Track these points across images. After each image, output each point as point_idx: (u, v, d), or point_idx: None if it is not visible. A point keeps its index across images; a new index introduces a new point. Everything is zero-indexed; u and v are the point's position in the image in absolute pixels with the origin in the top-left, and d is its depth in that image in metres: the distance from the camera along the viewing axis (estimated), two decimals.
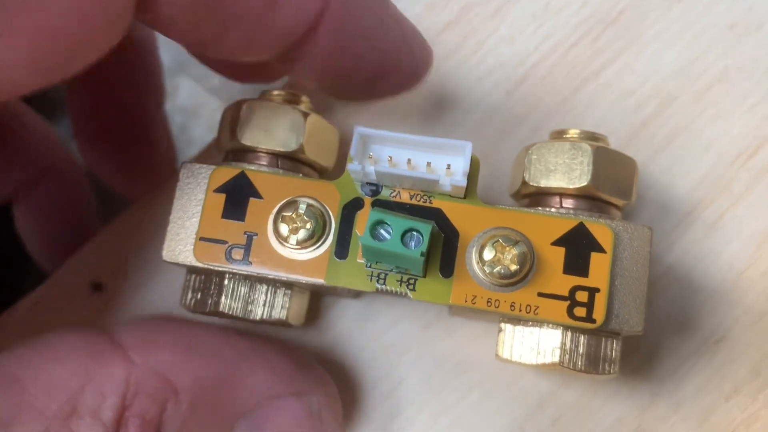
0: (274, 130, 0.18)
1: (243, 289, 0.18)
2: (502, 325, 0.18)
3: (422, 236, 0.16)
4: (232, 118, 0.19)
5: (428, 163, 0.17)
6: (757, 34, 0.22)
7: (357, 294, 0.21)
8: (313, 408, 0.18)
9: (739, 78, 0.22)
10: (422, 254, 0.16)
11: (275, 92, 0.19)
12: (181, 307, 0.19)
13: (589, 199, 0.18)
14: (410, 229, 0.16)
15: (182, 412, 0.17)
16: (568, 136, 0.18)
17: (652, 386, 0.20)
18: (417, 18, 0.21)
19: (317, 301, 0.21)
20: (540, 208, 0.18)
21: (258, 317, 0.18)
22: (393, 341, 0.21)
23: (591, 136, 0.18)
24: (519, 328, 0.18)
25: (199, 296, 0.18)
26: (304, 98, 0.19)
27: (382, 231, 0.17)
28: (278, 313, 0.18)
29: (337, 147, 0.20)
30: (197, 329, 0.18)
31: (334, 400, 0.19)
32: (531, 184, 0.18)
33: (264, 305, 0.18)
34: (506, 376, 0.21)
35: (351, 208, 0.18)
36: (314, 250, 0.18)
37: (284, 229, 0.17)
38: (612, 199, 0.18)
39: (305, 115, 0.18)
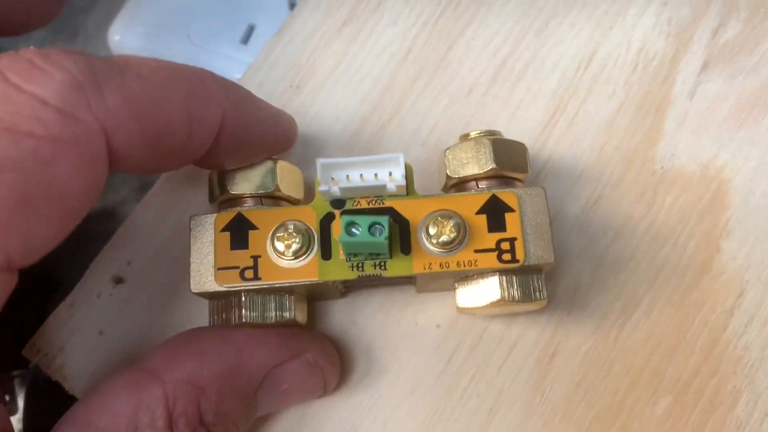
0: (255, 179, 0.23)
1: (257, 300, 0.22)
2: (456, 284, 0.23)
3: (383, 226, 0.21)
4: (220, 176, 0.23)
5: (375, 175, 0.22)
6: None
7: (344, 292, 0.25)
8: (310, 361, 0.23)
9: (565, 12, 0.28)
10: (386, 238, 0.21)
11: None
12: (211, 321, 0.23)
13: (496, 178, 0.23)
14: (374, 223, 0.21)
15: (213, 402, 0.21)
16: (471, 136, 0.23)
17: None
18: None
19: (313, 304, 0.25)
20: (463, 192, 0.23)
21: (272, 321, 0.22)
22: (376, 323, 0.25)
23: (489, 133, 0.23)
24: (467, 282, 0.22)
25: (224, 315, 0.23)
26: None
27: (353, 230, 0.21)
28: (288, 315, 0.23)
29: (302, 181, 0.24)
30: (202, 336, 0.23)
31: (327, 349, 0.24)
32: (453, 176, 0.23)
33: (275, 310, 0.23)
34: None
35: (326, 221, 0.22)
36: (305, 258, 0.22)
37: (280, 246, 0.22)
38: (513, 174, 0.23)
39: (275, 162, 0.23)
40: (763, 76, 0.27)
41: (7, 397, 0.28)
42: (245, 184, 0.23)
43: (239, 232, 0.22)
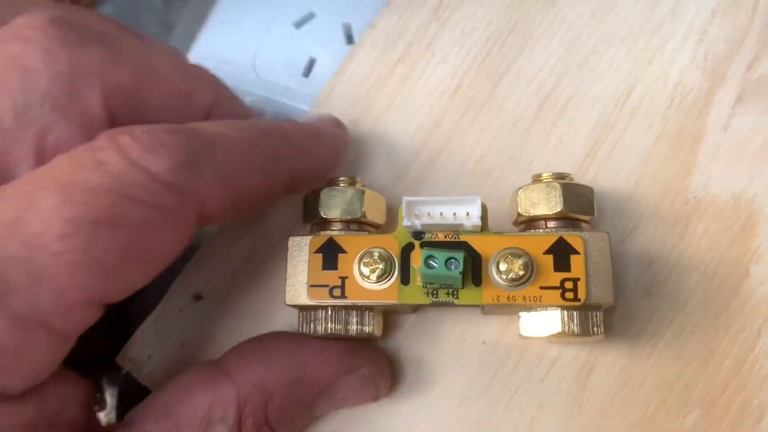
0: (344, 205, 0.24)
1: (342, 315, 0.23)
2: (521, 313, 0.24)
3: (458, 261, 0.22)
4: (313, 201, 0.24)
5: (454, 213, 0.23)
6: (611, 15, 0.29)
7: (415, 309, 0.26)
8: (365, 376, 0.25)
9: (605, 48, 0.29)
10: (460, 273, 0.22)
11: (340, 179, 0.25)
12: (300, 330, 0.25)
13: (564, 219, 0.24)
14: (450, 258, 0.22)
15: (278, 406, 0.23)
16: (543, 178, 0.24)
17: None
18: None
19: (388, 318, 0.26)
20: (532, 230, 0.24)
21: (353, 334, 0.24)
22: (428, 337, 0.27)
23: (559, 176, 0.24)
24: (531, 313, 0.23)
25: (312, 325, 0.24)
26: (359, 180, 0.25)
27: (431, 261, 0.22)
28: (367, 329, 0.24)
29: (385, 207, 0.25)
30: (274, 346, 0.24)
31: (381, 365, 0.26)
32: (523, 215, 0.24)
33: (356, 324, 0.24)
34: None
35: (407, 250, 0.23)
36: (387, 282, 0.23)
37: (366, 270, 0.23)
38: (580, 217, 0.24)
39: (362, 191, 0.24)
40: None
41: (97, 395, 0.29)
42: (336, 210, 0.24)
43: (330, 254, 0.24)
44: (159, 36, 0.42)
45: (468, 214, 0.23)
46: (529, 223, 0.24)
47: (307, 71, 0.34)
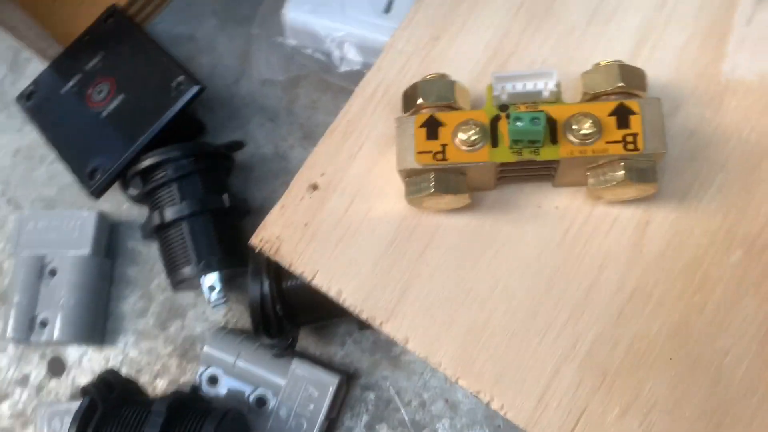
0: (439, 92, 0.29)
1: (441, 176, 0.29)
2: (588, 174, 0.29)
3: (540, 119, 0.27)
4: (412, 91, 0.30)
5: (534, 84, 0.28)
6: None
7: (496, 183, 0.31)
8: None
9: None
10: (543, 127, 0.27)
11: (430, 74, 0.30)
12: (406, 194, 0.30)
13: (622, 93, 0.29)
14: (534, 117, 0.27)
15: None
16: (602, 63, 0.29)
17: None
18: None
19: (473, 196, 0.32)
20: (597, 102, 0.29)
21: (452, 192, 0.29)
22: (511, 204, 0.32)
23: (616, 61, 0.29)
24: (598, 172, 0.28)
25: (419, 185, 0.29)
26: (446, 74, 0.30)
27: (518, 123, 0.27)
28: (462, 190, 0.29)
29: (469, 97, 0.31)
30: None
31: None
32: (589, 92, 0.29)
33: (453, 184, 0.29)
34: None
35: (495, 120, 0.29)
36: (480, 146, 0.28)
37: (463, 136, 0.28)
38: (635, 91, 0.29)
39: (453, 81, 0.30)
40: None
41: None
42: (432, 96, 0.30)
43: (432, 127, 0.29)
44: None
45: (546, 84, 0.28)
46: (594, 98, 0.30)
47: (388, 7, 0.39)
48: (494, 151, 0.29)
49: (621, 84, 0.29)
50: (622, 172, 0.28)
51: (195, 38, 0.48)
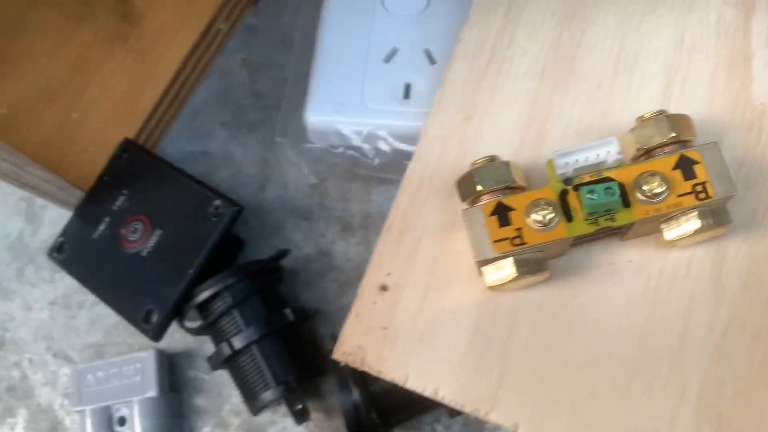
0: (496, 176, 0.30)
1: (523, 257, 0.29)
2: (662, 225, 0.29)
3: (613, 188, 0.27)
4: (467, 180, 0.30)
5: (597, 155, 0.28)
6: None
7: (566, 250, 0.31)
8: None
9: (651, 10, 0.34)
10: (619, 196, 0.27)
11: (479, 159, 0.30)
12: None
13: (676, 143, 0.29)
14: (607, 188, 0.27)
15: None
16: (646, 117, 0.30)
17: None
18: None
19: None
20: (654, 158, 0.29)
21: (532, 274, 0.29)
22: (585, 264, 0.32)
23: (660, 112, 0.30)
24: (671, 222, 0.29)
25: (499, 272, 0.29)
26: (496, 156, 0.30)
27: (593, 196, 0.27)
28: (543, 267, 0.29)
29: (524, 173, 0.31)
30: None
31: None
32: (642, 147, 0.30)
33: (534, 264, 0.29)
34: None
35: (563, 195, 0.29)
36: (556, 224, 0.28)
37: (538, 217, 0.28)
38: (687, 138, 0.29)
39: (507, 162, 0.30)
40: None
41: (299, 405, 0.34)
42: (490, 181, 0.30)
43: (502, 214, 0.29)
44: (254, 104, 0.48)
45: (608, 152, 0.28)
46: (648, 153, 0.30)
47: (406, 93, 0.40)
48: (571, 225, 0.29)
49: (673, 135, 0.29)
50: (699, 221, 0.29)
51: (209, 153, 0.48)
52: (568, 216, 0.29)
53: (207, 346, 0.42)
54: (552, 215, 0.29)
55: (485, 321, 0.32)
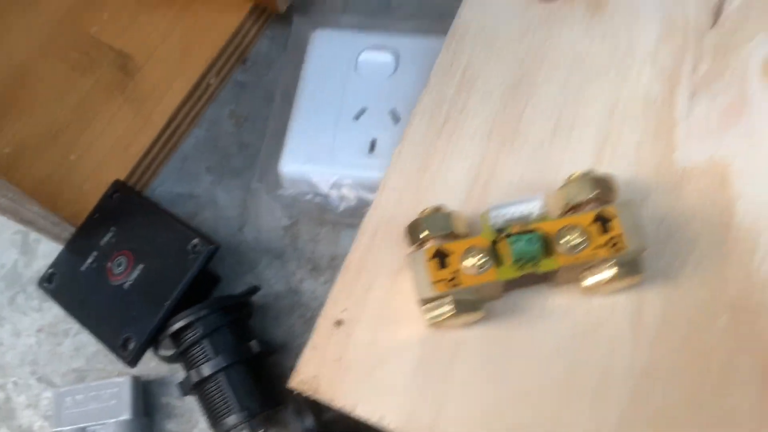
0: (439, 224, 0.33)
1: (461, 297, 0.32)
2: (582, 274, 0.32)
3: (534, 238, 0.31)
4: (414, 227, 0.33)
5: (525, 209, 0.32)
6: (588, 59, 0.38)
7: (503, 292, 0.34)
8: None
9: (589, 83, 0.38)
10: (539, 245, 0.30)
11: (426, 209, 0.34)
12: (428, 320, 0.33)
13: (598, 200, 0.33)
14: (529, 238, 0.31)
15: None
16: (575, 176, 0.33)
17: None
18: None
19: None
20: (579, 212, 0.33)
21: (467, 313, 0.32)
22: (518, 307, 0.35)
23: (586, 172, 0.33)
24: (591, 271, 0.32)
25: (437, 311, 0.32)
26: (441, 206, 0.34)
27: (517, 245, 0.31)
28: (479, 307, 0.32)
29: (465, 222, 0.34)
30: None
31: None
32: (570, 203, 0.33)
33: (469, 305, 0.32)
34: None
35: (494, 243, 0.32)
36: (487, 268, 0.32)
37: (471, 262, 0.32)
38: (609, 196, 0.33)
39: (449, 212, 0.34)
40: (733, 93, 0.38)
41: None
42: (433, 228, 0.33)
43: (441, 258, 0.33)
44: (238, 153, 0.52)
45: (534, 207, 0.32)
46: (575, 208, 0.33)
47: (372, 148, 0.44)
48: (500, 270, 0.32)
49: (596, 193, 0.33)
50: (613, 270, 0.32)
51: (195, 195, 0.52)
52: (498, 261, 0.32)
53: (180, 374, 0.45)
54: (484, 260, 0.32)
55: (428, 355, 0.35)
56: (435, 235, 0.34)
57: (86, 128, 0.52)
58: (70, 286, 0.47)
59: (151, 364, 0.48)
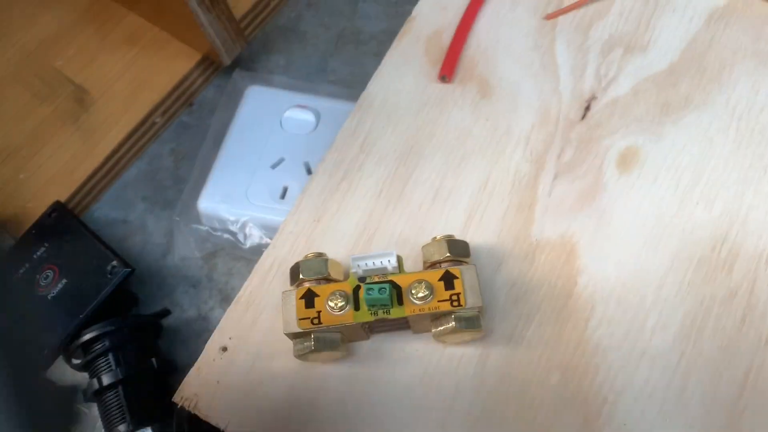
0: (316, 269, 0.38)
1: (320, 337, 0.37)
2: (432, 324, 0.37)
3: (386, 290, 0.36)
4: (295, 269, 0.38)
5: (381, 262, 0.37)
6: (470, 138, 0.44)
7: (368, 335, 0.39)
8: None
9: (467, 159, 0.43)
10: (389, 296, 0.35)
11: (309, 254, 0.39)
12: (294, 353, 0.37)
13: (451, 261, 0.38)
14: (381, 288, 0.36)
15: None
16: (437, 238, 0.39)
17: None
18: None
19: (352, 345, 0.40)
20: (434, 269, 0.38)
21: (328, 350, 0.37)
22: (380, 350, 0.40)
23: (448, 236, 0.39)
24: (439, 322, 0.37)
25: (303, 344, 0.37)
26: (323, 253, 0.39)
27: (370, 292, 0.36)
28: (339, 347, 0.37)
29: (342, 269, 0.39)
30: None
31: None
32: (427, 261, 0.38)
33: (330, 343, 0.37)
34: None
35: (356, 289, 0.37)
36: (346, 311, 0.37)
37: (332, 304, 0.37)
38: (461, 258, 0.38)
39: (327, 260, 0.38)
40: (589, 180, 0.43)
41: None
42: (311, 272, 0.38)
43: (309, 298, 0.37)
44: (172, 186, 0.57)
45: (389, 261, 0.37)
46: (432, 265, 0.38)
47: (283, 195, 0.49)
48: (357, 313, 0.37)
49: (448, 254, 0.38)
50: (453, 323, 0.37)
51: (128, 221, 0.56)
52: (356, 306, 0.37)
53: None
54: (343, 303, 0.37)
55: (298, 386, 0.40)
56: (310, 278, 0.39)
57: (38, 151, 0.57)
58: (1, 293, 0.51)
59: (67, 373, 0.52)
